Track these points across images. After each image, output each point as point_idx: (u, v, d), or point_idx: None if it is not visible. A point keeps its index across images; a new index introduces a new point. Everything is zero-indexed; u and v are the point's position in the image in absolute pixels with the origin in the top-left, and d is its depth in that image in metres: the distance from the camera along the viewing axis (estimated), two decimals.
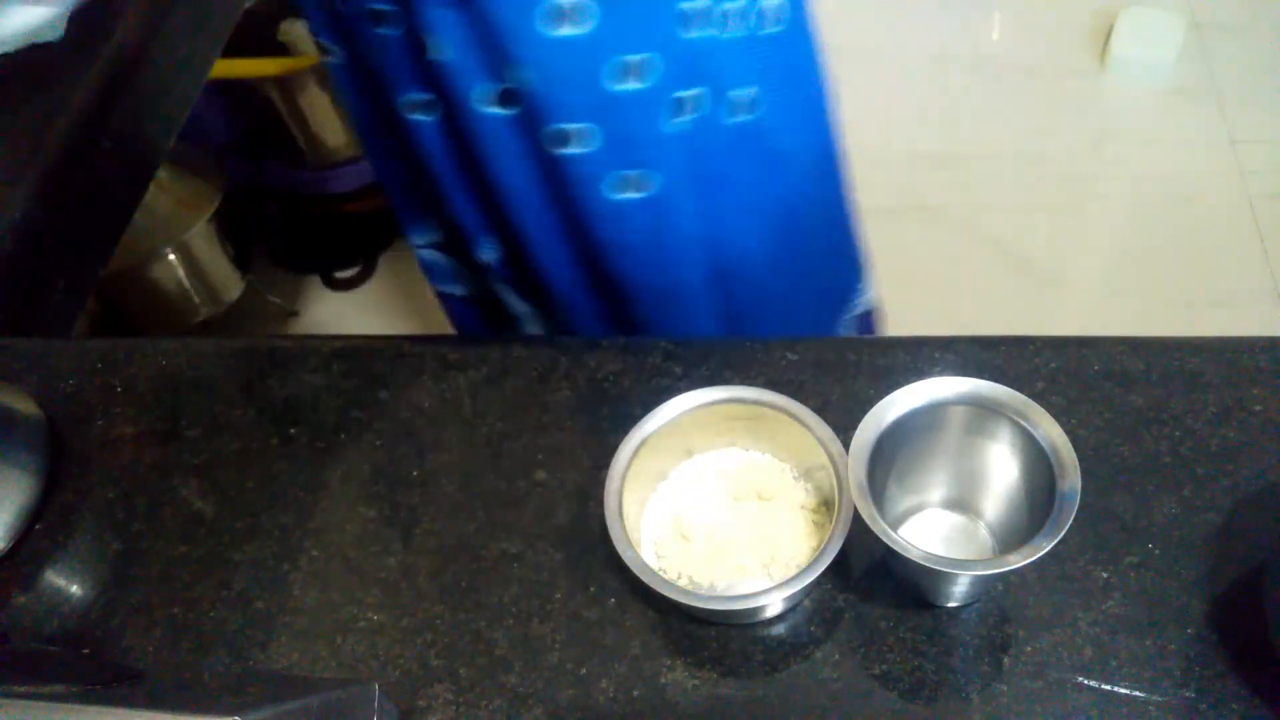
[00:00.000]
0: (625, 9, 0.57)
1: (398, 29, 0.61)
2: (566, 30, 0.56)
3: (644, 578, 0.51)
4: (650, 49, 0.59)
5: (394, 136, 0.70)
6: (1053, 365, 0.61)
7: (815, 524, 0.56)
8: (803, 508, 0.56)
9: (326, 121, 1.54)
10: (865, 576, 0.55)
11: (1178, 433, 0.58)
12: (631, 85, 0.60)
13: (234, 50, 1.10)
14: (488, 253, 0.76)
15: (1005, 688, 0.51)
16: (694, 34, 0.60)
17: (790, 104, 0.68)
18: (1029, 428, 0.49)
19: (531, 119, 0.61)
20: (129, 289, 1.43)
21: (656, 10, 0.58)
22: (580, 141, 0.61)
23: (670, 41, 0.59)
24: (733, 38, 0.62)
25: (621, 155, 0.63)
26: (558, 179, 0.64)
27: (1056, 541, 0.45)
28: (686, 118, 0.63)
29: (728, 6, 0.60)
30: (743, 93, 0.65)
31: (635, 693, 0.53)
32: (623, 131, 0.62)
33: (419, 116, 0.66)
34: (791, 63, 0.68)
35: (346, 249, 1.76)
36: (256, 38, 1.42)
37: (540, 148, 0.63)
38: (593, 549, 0.58)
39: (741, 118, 0.66)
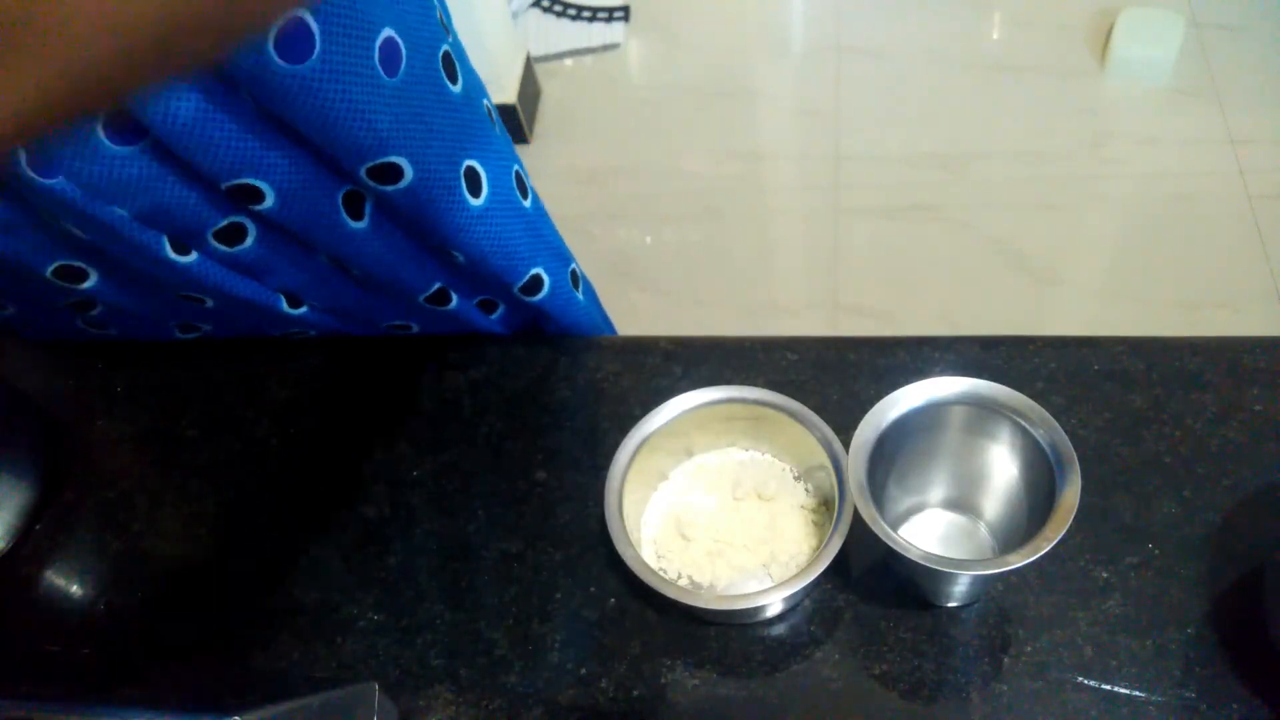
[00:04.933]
0: None
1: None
2: None
3: (644, 578, 0.51)
4: None
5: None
6: (1053, 365, 0.61)
7: (815, 524, 0.56)
8: (803, 508, 0.56)
9: None
10: (865, 576, 0.55)
11: (1178, 433, 0.58)
12: None
13: None
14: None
15: (1005, 688, 0.51)
16: None
17: None
18: (1029, 428, 0.49)
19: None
20: None
21: None
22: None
23: None
24: None
25: None
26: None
27: (1056, 541, 0.45)
28: None
29: None
30: None
31: (635, 693, 0.53)
32: None
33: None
34: None
35: None
36: None
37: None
38: (593, 549, 0.58)
39: None
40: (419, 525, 0.60)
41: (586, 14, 2.09)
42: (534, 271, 0.64)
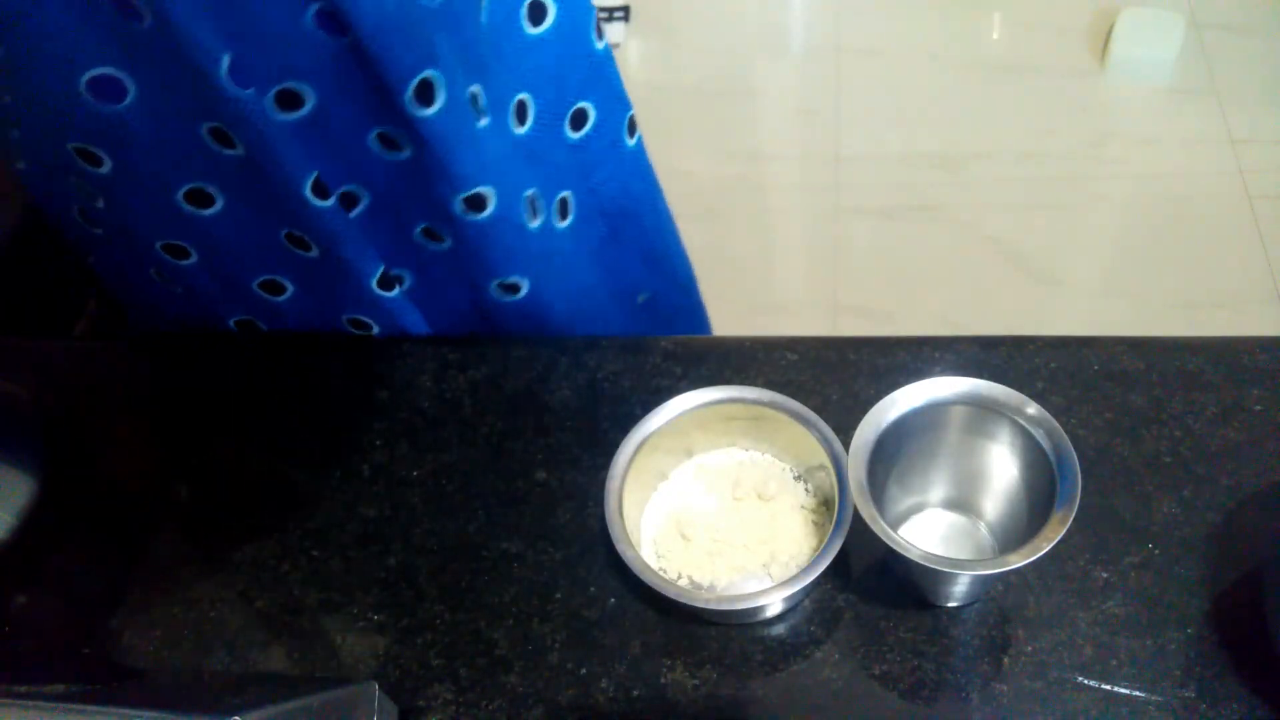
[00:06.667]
0: None
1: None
2: None
3: (644, 578, 0.51)
4: None
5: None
6: (1053, 365, 0.61)
7: (815, 524, 0.56)
8: (803, 508, 0.56)
9: None
10: (865, 576, 0.55)
11: (1178, 433, 0.58)
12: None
13: None
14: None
15: (1005, 688, 0.51)
16: None
17: None
18: (1029, 428, 0.49)
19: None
20: None
21: None
22: None
23: None
24: None
25: None
26: None
27: (1056, 541, 0.45)
28: None
29: None
30: None
31: (635, 693, 0.53)
32: None
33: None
34: None
35: None
36: None
37: None
38: (593, 549, 0.58)
39: None
40: (419, 525, 0.60)
41: None
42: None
